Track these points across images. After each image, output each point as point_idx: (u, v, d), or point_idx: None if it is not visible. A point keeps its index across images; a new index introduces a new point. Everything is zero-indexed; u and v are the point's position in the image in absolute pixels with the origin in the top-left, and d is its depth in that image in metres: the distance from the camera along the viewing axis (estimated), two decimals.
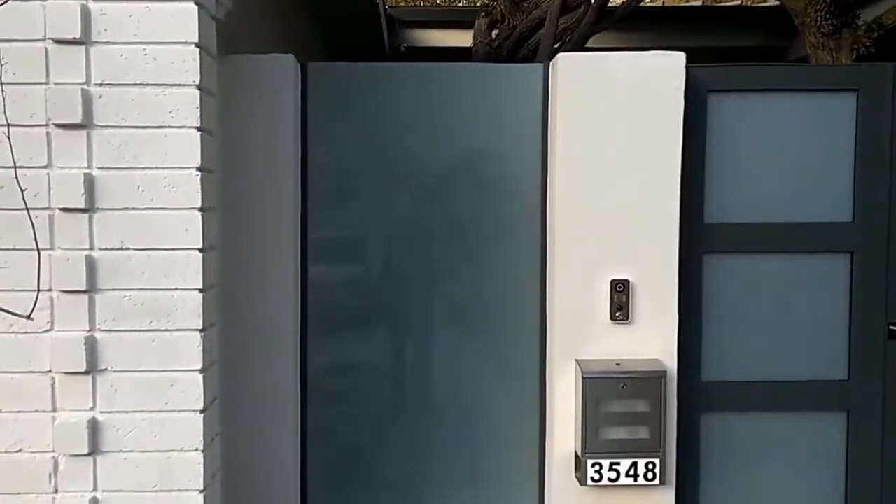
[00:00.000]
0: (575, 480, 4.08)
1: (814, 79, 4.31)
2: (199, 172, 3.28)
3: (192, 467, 3.38)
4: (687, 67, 4.02)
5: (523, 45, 8.92)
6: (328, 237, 4.31)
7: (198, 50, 3.25)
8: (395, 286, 4.32)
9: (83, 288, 3.26)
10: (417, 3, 18.94)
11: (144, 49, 3.23)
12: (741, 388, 4.30)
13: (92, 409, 3.32)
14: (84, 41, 3.19)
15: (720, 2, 14.50)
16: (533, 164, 4.23)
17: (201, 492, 3.40)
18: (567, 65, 4.04)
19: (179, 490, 3.38)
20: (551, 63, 4.17)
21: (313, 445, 4.30)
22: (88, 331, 3.29)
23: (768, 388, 4.30)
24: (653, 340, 4.07)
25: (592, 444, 3.95)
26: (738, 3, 11.81)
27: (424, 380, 4.38)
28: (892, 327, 4.25)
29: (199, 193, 3.29)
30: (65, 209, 3.23)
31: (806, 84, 4.25)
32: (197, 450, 3.38)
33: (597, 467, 3.95)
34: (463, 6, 17.04)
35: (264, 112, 4.03)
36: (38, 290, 3.17)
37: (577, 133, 4.03)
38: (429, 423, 4.36)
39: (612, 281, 4.04)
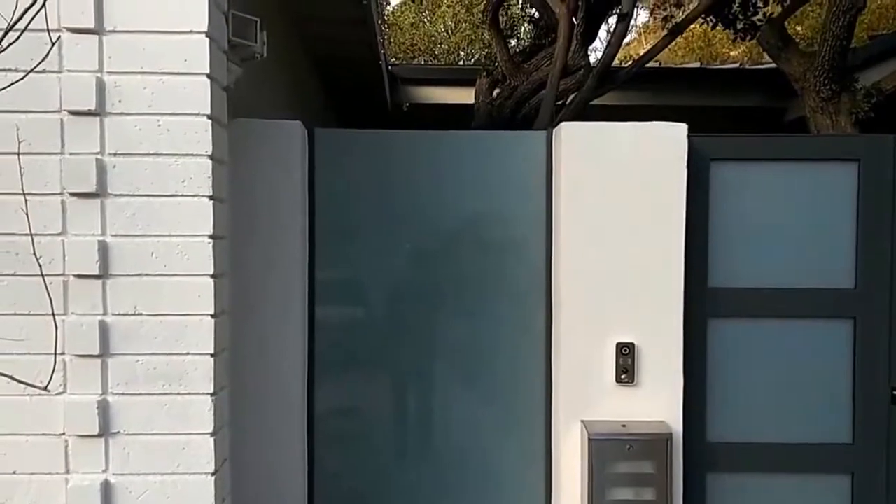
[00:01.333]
0: None
1: (815, 149, 4.36)
2: (210, 240, 3.33)
3: None
4: (689, 137, 4.06)
5: (524, 104, 8.96)
6: (335, 296, 4.35)
7: (210, 121, 3.31)
8: (402, 345, 4.35)
9: (96, 352, 3.29)
10: (419, 55, 19.09)
11: (158, 120, 3.28)
12: (746, 450, 4.30)
13: (104, 471, 3.35)
14: (99, 112, 3.26)
15: (720, 58, 14.60)
16: (538, 228, 4.28)
17: None
18: (570, 133, 4.10)
19: None
20: (555, 131, 4.22)
21: (319, 491, 4.32)
22: (101, 394, 3.32)
23: (773, 450, 4.31)
24: (658, 402, 4.09)
25: None
26: (737, 64, 11.88)
27: (429, 438, 4.39)
28: (895, 392, 4.26)
29: (212, 260, 3.33)
30: (79, 275, 3.28)
31: (807, 154, 4.30)
32: None
33: None
34: (464, 65, 17.15)
35: (273, 176, 4.08)
36: (56, 355, 3.21)
37: (581, 199, 4.07)
38: (434, 475, 4.37)
39: (618, 344, 4.06)
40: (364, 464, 4.36)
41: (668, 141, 4.06)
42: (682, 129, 4.06)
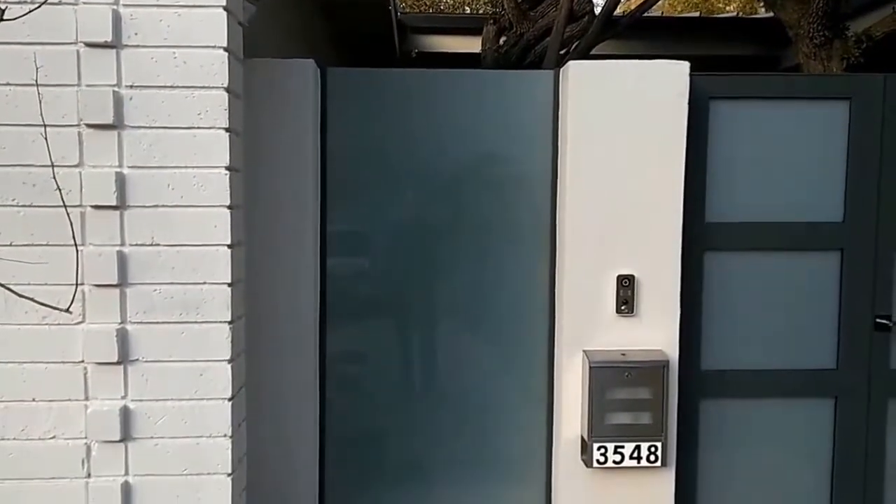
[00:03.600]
0: (581, 463, 4.06)
1: (809, 88, 4.28)
2: (227, 172, 3.23)
3: (220, 452, 3.34)
4: (690, 76, 3.97)
5: (530, 51, 8.83)
6: (345, 233, 4.24)
7: (226, 54, 3.19)
8: (410, 280, 4.26)
9: (115, 282, 3.21)
10: (426, 9, 18.90)
11: (174, 53, 3.17)
12: (738, 376, 4.30)
13: (123, 397, 3.28)
14: (115, 44, 3.14)
15: (716, 13, 14.45)
16: (543, 165, 4.18)
17: (229, 475, 3.36)
18: (577, 72, 3.98)
19: (208, 474, 3.35)
20: (561, 70, 4.12)
21: (330, 430, 4.26)
22: (120, 323, 3.24)
23: (762, 376, 4.31)
24: (656, 332, 4.05)
25: (598, 429, 3.95)
26: (734, 14, 11.75)
27: (438, 368, 4.33)
28: (878, 320, 4.28)
29: (228, 192, 3.24)
30: (97, 206, 3.18)
31: (801, 93, 4.24)
32: (225, 436, 3.34)
33: (602, 450, 3.95)
34: (471, 14, 16.97)
35: (286, 113, 3.95)
36: (77, 284, 3.13)
37: (585, 136, 3.97)
38: (443, 409, 4.31)
39: (619, 276, 4.00)
40: (373, 399, 4.31)
41: (671, 78, 3.96)
42: (684, 66, 3.96)
